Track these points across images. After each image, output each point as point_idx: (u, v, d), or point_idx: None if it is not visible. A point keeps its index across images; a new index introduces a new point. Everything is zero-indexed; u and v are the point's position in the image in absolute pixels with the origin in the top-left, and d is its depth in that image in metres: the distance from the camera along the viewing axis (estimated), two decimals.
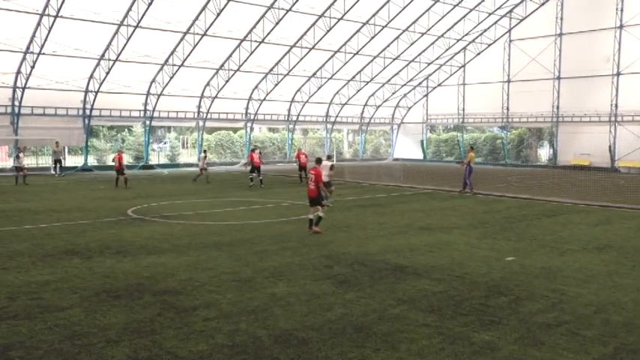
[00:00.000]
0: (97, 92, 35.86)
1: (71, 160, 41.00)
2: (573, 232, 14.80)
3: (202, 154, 31.51)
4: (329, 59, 42.44)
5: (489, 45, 46.75)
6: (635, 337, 7.14)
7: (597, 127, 40.37)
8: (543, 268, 10.74)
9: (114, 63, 34.08)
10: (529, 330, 7.34)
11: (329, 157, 22.46)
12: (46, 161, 38.16)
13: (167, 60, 36.27)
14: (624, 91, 39.17)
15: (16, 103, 33.84)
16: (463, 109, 49.26)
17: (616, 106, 39.46)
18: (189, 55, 35.77)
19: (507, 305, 8.39)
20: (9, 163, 37.44)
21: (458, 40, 45.85)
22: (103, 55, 33.77)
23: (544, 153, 48.90)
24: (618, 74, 39.19)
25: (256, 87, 42.51)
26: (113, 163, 27.46)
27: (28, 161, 39.18)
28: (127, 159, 42.66)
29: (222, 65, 38.79)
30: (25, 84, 33.19)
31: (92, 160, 40.70)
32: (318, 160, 15.55)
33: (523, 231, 14.92)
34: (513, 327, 7.46)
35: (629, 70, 38.69)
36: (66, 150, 39.71)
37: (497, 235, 14.33)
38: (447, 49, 46.48)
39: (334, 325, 7.48)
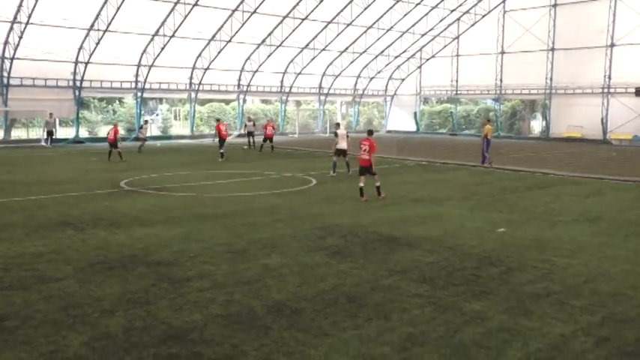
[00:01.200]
0: (87, 63, 35.39)
1: (62, 132, 40.69)
2: (565, 204, 14.93)
3: (143, 124, 34.42)
4: (322, 30, 41.99)
5: (483, 16, 46.34)
6: (623, 306, 7.26)
7: (590, 99, 40.36)
8: (534, 239, 10.86)
9: (104, 33, 33.58)
10: (519, 300, 7.46)
11: (338, 125, 22.53)
12: (37, 133, 37.86)
13: (158, 30, 35.76)
14: (618, 63, 39.07)
15: (5, 74, 33.38)
16: (457, 81, 49.07)
17: (609, 77, 39.41)
18: (180, 25, 35.27)
19: (498, 276, 8.50)
20: None
21: (452, 11, 45.41)
22: (92, 25, 33.23)
23: (537, 125, 48.95)
24: (612, 45, 39.04)
25: (249, 58, 42.09)
26: (107, 136, 27.23)
27: (19, 133, 38.95)
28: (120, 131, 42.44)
29: (214, 36, 38.31)
30: (14, 54, 32.70)
31: (83, 132, 40.41)
32: (370, 132, 15.99)
33: (515, 203, 15.03)
34: (504, 297, 7.56)
35: (623, 42, 38.56)
36: (57, 122, 39.39)
37: (489, 206, 14.43)
38: (441, 20, 46.06)
39: (327, 295, 7.57)
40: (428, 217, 12.88)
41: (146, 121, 36.78)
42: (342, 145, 20.70)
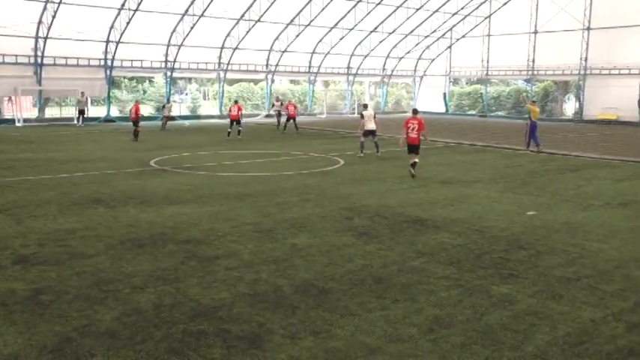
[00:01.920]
0: (118, 43, 35.75)
1: (94, 111, 41.33)
2: (597, 188, 14.64)
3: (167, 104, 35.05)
4: (351, 9, 41.58)
5: None
6: None
7: (626, 80, 39.24)
8: (565, 222, 10.69)
9: (134, 13, 33.82)
10: (548, 284, 7.37)
11: (365, 106, 22.55)
12: (70, 112, 38.51)
13: (187, 10, 35.86)
14: None
15: (39, 53, 33.95)
16: (487, 62, 48.20)
17: None
18: (209, 4, 35.31)
19: (527, 259, 8.41)
20: (34, 113, 37.88)
21: None
22: (123, 4, 33.50)
23: (570, 107, 47.92)
24: None
25: (277, 38, 41.97)
26: (130, 114, 27.30)
27: (52, 112, 39.66)
28: (149, 110, 42.94)
29: (243, 15, 38.26)
30: (47, 34, 33.19)
31: (114, 111, 40.96)
32: (415, 111, 16.80)
33: (545, 185, 14.79)
34: (532, 280, 7.49)
35: None
36: (89, 101, 39.97)
37: (518, 189, 14.24)
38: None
39: (354, 276, 7.59)
40: (456, 199, 12.77)
41: (168, 100, 37.51)
42: (370, 125, 20.70)
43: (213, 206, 11.76)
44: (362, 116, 21.14)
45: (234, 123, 27.24)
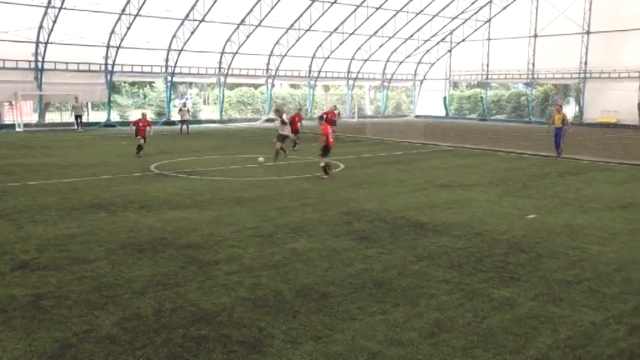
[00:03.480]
0: (118, 48, 35.82)
1: (94, 116, 41.36)
2: (597, 191, 14.63)
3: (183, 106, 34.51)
4: (351, 14, 41.66)
5: None
6: None
7: (626, 84, 39.29)
8: (565, 225, 10.68)
9: (135, 18, 33.91)
10: (549, 287, 7.36)
11: (277, 111, 22.39)
12: (70, 117, 38.55)
13: (188, 15, 35.95)
14: None
15: (39, 58, 34.01)
16: (487, 65, 48.25)
17: None
18: (209, 9, 35.39)
19: (528, 262, 8.40)
20: (34, 118, 37.94)
21: None
22: (123, 9, 33.58)
23: (570, 110, 47.94)
24: None
25: (277, 43, 42.04)
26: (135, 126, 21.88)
27: (53, 117, 39.69)
28: (148, 115, 42.97)
29: (243, 20, 38.35)
30: (48, 39, 33.27)
31: (115, 116, 40.99)
32: (321, 117, 18.39)
33: (545, 189, 14.79)
34: (533, 284, 7.48)
35: None
36: (89, 106, 40.01)
37: (518, 192, 14.23)
38: (472, 3, 45.26)
39: (354, 280, 7.58)
40: (456, 203, 12.77)
41: (185, 104, 36.85)
42: (285, 131, 20.82)
43: (213, 211, 11.76)
44: (283, 122, 20.80)
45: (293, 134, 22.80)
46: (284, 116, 21.31)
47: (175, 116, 42.57)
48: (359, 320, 6.25)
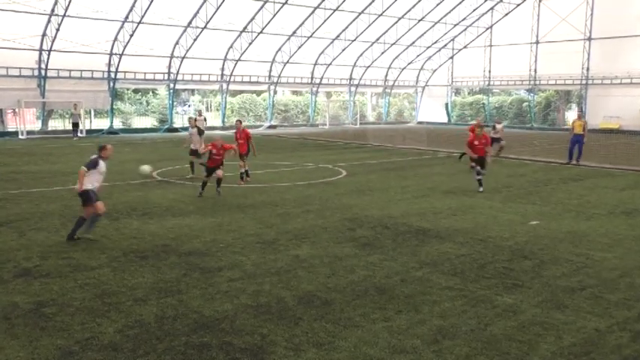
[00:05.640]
0: (121, 55, 35.95)
1: (97, 123, 41.43)
2: (600, 197, 14.59)
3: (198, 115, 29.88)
4: (353, 21, 41.78)
5: (518, 5, 45.45)
6: None
7: (628, 90, 39.27)
8: (568, 232, 10.65)
9: (137, 25, 34.06)
10: (552, 293, 7.33)
11: (192, 119, 20.10)
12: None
13: (190, 22, 36.09)
14: None
15: (43, 65, 34.14)
16: (489, 72, 48.30)
17: None
18: (212, 16, 35.53)
19: (531, 269, 8.37)
20: (37, 125, 38.01)
21: (485, 1, 44.66)
22: (126, 17, 33.74)
23: (571, 116, 47.92)
24: None
25: (279, 49, 42.16)
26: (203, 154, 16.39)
27: (56, 124, 39.77)
28: (150, 122, 42.97)
29: (246, 27, 38.48)
30: (51, 47, 33.41)
31: (117, 123, 41.07)
32: (239, 121, 17.46)
33: (548, 195, 14.75)
34: (536, 290, 7.45)
35: None
36: (92, 113, 40.08)
37: (521, 199, 14.20)
38: (474, 10, 45.35)
39: (357, 286, 7.56)
40: (459, 209, 12.74)
41: (200, 113, 32.62)
42: (196, 145, 17.74)
43: (215, 217, 11.75)
44: (201, 132, 18.40)
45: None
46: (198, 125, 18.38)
47: (178, 122, 42.55)
48: (361, 327, 6.23)
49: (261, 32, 38.77)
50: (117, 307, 6.80)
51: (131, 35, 34.59)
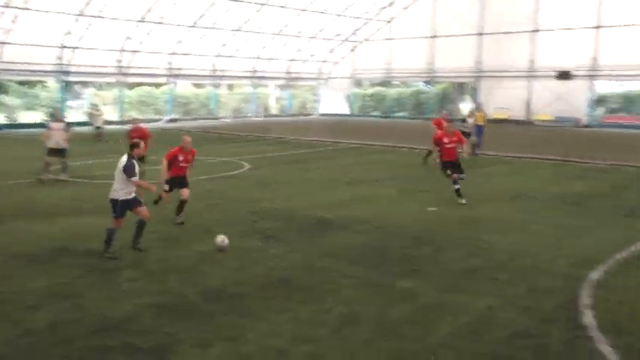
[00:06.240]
0: (2, 43, 33.47)
1: None
2: (492, 183, 15.48)
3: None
4: (256, 12, 41.43)
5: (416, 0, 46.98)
6: (544, 278, 7.65)
7: (516, 82, 41.84)
8: (463, 217, 11.22)
9: (21, 11, 31.80)
10: (449, 277, 7.71)
11: (53, 116, 17.89)
12: None
13: (83, 10, 34.25)
14: (542, 48, 40.67)
15: None
16: (390, 64, 49.69)
17: (533, 62, 40.99)
18: (106, 4, 33.91)
19: (428, 254, 8.75)
20: None
21: None
22: (7, 2, 31.41)
23: (465, 107, 50.37)
24: (536, 31, 40.53)
25: (180, 41, 41.04)
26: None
27: None
28: (40, 117, 40.44)
29: (144, 17, 37.10)
30: None
31: (1, 119, 38.32)
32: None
33: (444, 183, 15.43)
34: (434, 274, 7.80)
35: (546, 27, 40.07)
36: None
37: (419, 187, 14.78)
38: (375, 3, 46.35)
39: (263, 279, 7.57)
40: (359, 200, 13.06)
41: (96, 105, 32.76)
42: (52, 143, 15.66)
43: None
44: (68, 128, 16.45)
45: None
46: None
47: (73, 117, 40.36)
48: (267, 319, 6.25)
49: (160, 23, 37.53)
50: (5, 316, 6.36)
51: (13, 22, 32.23)
